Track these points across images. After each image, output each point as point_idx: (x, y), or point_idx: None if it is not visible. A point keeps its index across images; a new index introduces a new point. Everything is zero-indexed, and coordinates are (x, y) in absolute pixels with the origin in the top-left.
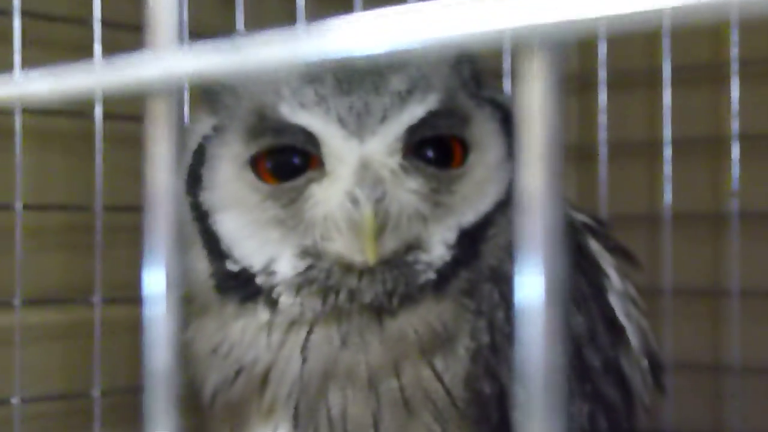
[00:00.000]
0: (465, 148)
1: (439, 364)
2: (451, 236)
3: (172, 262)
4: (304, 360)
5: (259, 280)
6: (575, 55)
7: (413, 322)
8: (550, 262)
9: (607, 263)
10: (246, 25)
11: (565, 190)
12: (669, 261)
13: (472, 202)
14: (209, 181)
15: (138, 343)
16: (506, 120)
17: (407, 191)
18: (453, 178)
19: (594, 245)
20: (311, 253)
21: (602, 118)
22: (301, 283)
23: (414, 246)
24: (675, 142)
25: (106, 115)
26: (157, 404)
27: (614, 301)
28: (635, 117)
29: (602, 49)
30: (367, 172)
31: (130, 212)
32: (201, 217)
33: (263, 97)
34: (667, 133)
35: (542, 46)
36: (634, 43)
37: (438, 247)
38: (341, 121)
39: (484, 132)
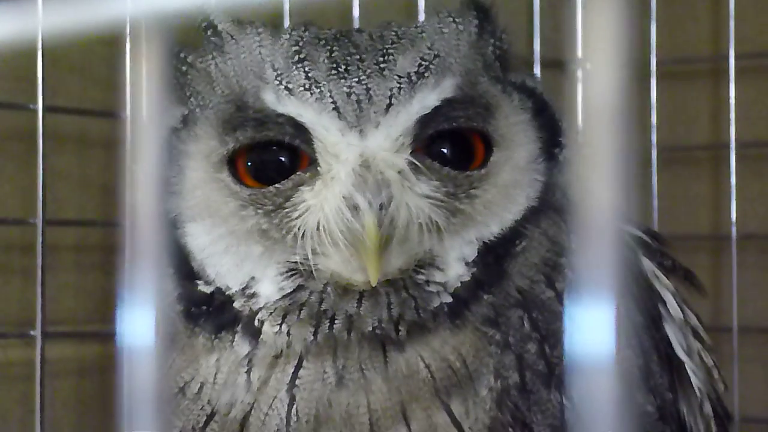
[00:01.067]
0: (488, 144)
1: (456, 408)
2: (471, 251)
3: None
4: (292, 401)
5: (237, 304)
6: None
7: (425, 355)
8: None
9: (663, 286)
10: None
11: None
12: (734, 291)
13: (497, 210)
14: (176, 183)
15: (87, 388)
16: (540, 110)
17: (418, 196)
18: (473, 181)
19: (647, 264)
20: (300, 272)
21: (654, 117)
22: (288, 308)
23: (426, 263)
24: (741, 146)
25: (49, 108)
26: None
27: (671, 331)
28: (695, 115)
29: (653, 32)
30: (369, 172)
31: (77, 228)
32: (166, 228)
33: (242, 81)
34: (732, 134)
35: None
36: (696, 26)
37: (455, 265)
38: (337, 110)
39: (511, 125)
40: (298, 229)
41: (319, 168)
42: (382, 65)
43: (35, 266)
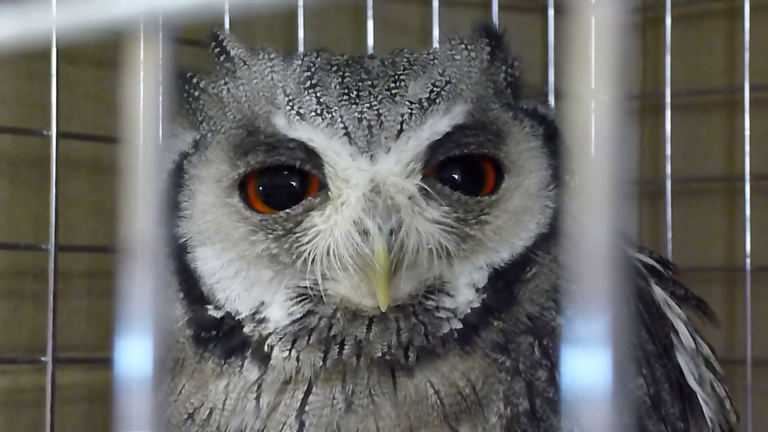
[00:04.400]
0: (499, 170)
1: None
2: (481, 277)
3: (158, 325)
4: (301, 428)
5: (247, 329)
6: (637, 70)
7: (434, 381)
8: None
9: (676, 315)
10: None
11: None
12: (748, 323)
13: (507, 236)
14: (187, 208)
15: (97, 415)
16: (551, 137)
17: (428, 221)
18: (484, 207)
19: (659, 293)
20: (310, 297)
21: (668, 148)
22: (298, 333)
23: (435, 288)
24: (757, 178)
25: (62, 134)
26: None
27: (683, 361)
28: (710, 147)
29: (668, 63)
30: (379, 197)
31: (89, 253)
32: (177, 252)
33: (254, 106)
34: (747, 166)
35: None
36: (711, 58)
37: (465, 291)
38: (348, 135)
39: (522, 151)
40: (308, 254)
41: (329, 193)
42: (393, 91)
43: (47, 292)
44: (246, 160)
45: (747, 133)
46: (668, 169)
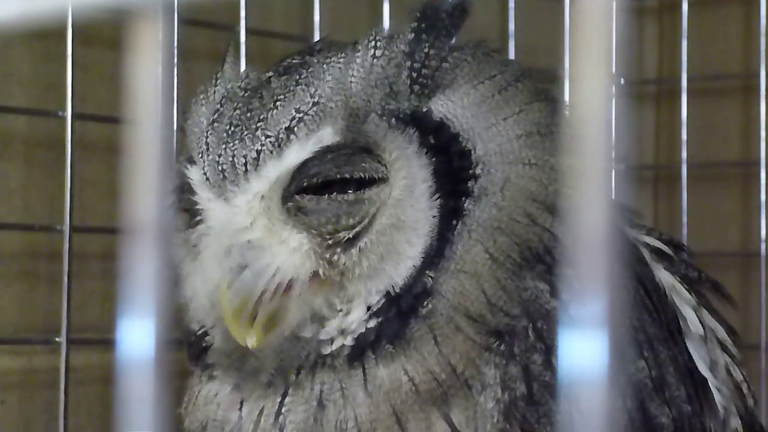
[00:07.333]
0: (369, 185)
1: (457, 417)
2: (372, 298)
3: (160, 304)
4: (281, 430)
5: (209, 338)
6: (653, 56)
7: (408, 368)
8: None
9: (684, 301)
10: None
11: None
12: (763, 308)
13: (387, 255)
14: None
15: (111, 396)
16: (445, 145)
17: (287, 251)
18: (352, 226)
19: (667, 278)
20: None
21: (683, 133)
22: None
23: (319, 315)
24: None
25: (77, 116)
26: None
27: (692, 347)
28: (726, 132)
29: (684, 48)
30: (225, 239)
31: (104, 234)
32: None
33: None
34: (762, 151)
35: None
36: (727, 43)
37: (356, 311)
38: (208, 178)
39: (394, 160)
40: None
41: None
42: (257, 124)
43: (61, 273)
44: (179, 197)
45: (763, 118)
46: (684, 155)
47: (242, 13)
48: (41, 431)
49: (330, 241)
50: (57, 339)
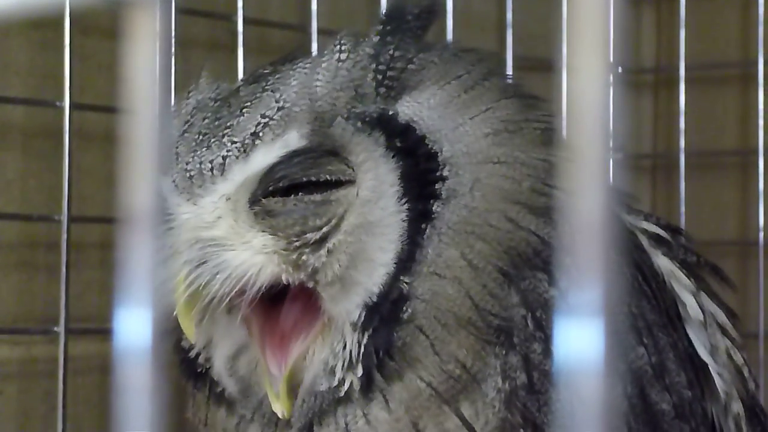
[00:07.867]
0: (337, 187)
1: (467, 410)
2: (354, 313)
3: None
4: None
5: (201, 359)
6: (650, 44)
7: (423, 375)
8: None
9: (683, 286)
10: None
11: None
12: (761, 297)
13: (357, 260)
14: None
15: (110, 386)
16: (412, 147)
17: (251, 252)
18: (320, 227)
19: (665, 264)
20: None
21: (681, 122)
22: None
23: (325, 371)
24: None
25: (75, 106)
26: None
27: (692, 333)
28: (723, 121)
29: (682, 36)
30: (187, 234)
31: (102, 224)
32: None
33: None
34: (760, 140)
35: None
36: (725, 32)
37: (348, 338)
38: (176, 185)
39: (360, 163)
40: None
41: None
42: (225, 131)
43: (60, 263)
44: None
45: (761, 107)
46: (682, 143)
47: (240, 3)
48: (40, 421)
49: (297, 243)
50: (55, 329)
